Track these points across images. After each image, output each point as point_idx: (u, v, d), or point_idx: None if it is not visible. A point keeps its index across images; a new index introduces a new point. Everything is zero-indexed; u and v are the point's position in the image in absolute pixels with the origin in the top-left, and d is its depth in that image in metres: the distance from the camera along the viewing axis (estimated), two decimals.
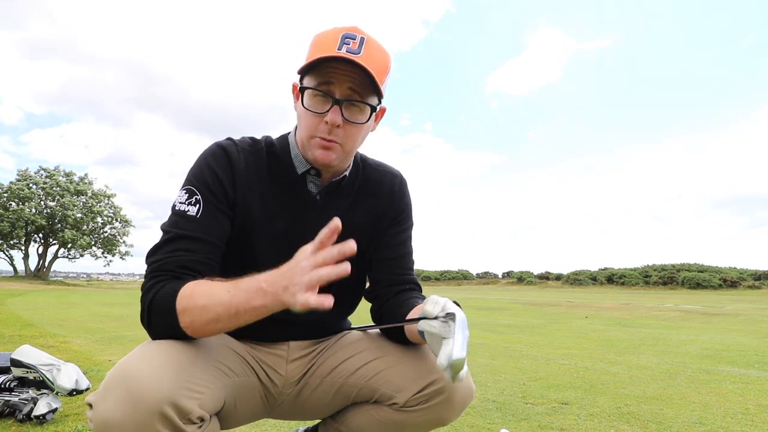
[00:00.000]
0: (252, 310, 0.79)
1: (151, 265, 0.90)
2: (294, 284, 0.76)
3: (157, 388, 0.75)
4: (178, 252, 0.89)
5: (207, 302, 0.81)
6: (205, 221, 0.93)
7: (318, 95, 0.92)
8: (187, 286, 0.84)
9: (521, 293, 27.65)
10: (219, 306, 0.80)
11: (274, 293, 0.78)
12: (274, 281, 0.78)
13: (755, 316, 9.45)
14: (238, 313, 0.80)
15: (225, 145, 1.00)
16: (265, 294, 0.78)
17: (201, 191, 0.94)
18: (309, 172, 1.03)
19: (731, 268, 43.60)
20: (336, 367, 1.06)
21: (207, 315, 0.80)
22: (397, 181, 1.15)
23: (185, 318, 0.82)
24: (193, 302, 0.82)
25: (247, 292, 0.79)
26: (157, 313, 0.84)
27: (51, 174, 34.24)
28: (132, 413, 0.73)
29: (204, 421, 0.82)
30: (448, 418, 1.00)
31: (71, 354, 3.48)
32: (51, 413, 1.86)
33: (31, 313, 7.39)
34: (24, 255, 35.26)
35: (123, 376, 0.76)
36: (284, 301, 0.77)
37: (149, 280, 0.88)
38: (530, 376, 3.12)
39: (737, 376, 3.26)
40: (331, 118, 0.91)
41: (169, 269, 0.88)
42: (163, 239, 0.92)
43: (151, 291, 0.86)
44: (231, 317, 0.80)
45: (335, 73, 0.91)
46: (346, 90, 0.92)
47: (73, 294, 16.57)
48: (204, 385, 0.83)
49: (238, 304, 0.79)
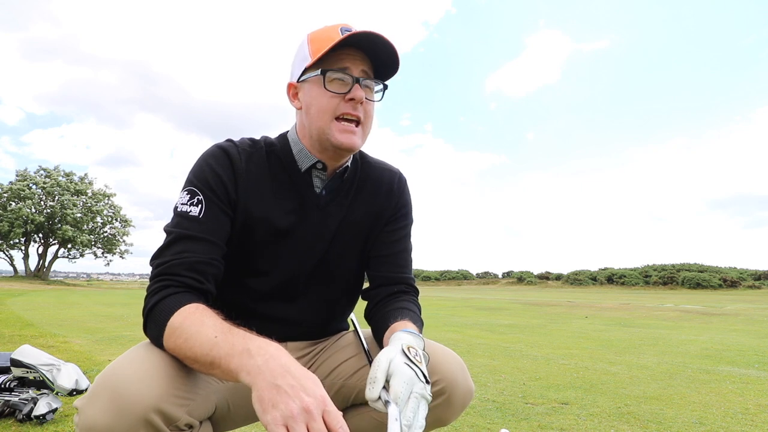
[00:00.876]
0: (226, 371, 0.74)
1: (157, 267, 0.89)
2: (282, 404, 0.66)
3: (145, 394, 0.74)
4: (184, 254, 0.89)
5: (189, 338, 0.78)
6: (207, 221, 0.93)
7: (338, 77, 0.96)
8: (183, 309, 0.82)
9: (521, 293, 27.65)
10: (199, 348, 0.76)
11: (258, 374, 0.70)
12: (266, 362, 0.71)
13: (755, 316, 9.45)
14: (213, 364, 0.75)
15: (225, 146, 1.01)
16: (249, 357, 0.72)
17: (203, 192, 0.95)
18: (315, 165, 1.03)
19: (731, 268, 43.60)
20: (335, 369, 1.06)
21: (186, 351, 0.78)
22: (396, 178, 1.15)
23: (169, 342, 0.80)
24: (179, 332, 0.79)
25: (232, 347, 0.74)
26: (153, 322, 0.84)
27: (50, 174, 34.24)
28: (117, 420, 0.72)
29: (193, 428, 0.82)
30: (447, 419, 1.00)
31: (71, 354, 3.48)
32: (51, 413, 1.86)
33: (31, 313, 7.39)
34: (24, 255, 35.30)
35: (110, 382, 0.75)
36: (258, 409, 0.68)
37: (155, 283, 0.88)
38: (530, 376, 3.12)
39: (737, 376, 3.26)
40: (357, 95, 0.95)
41: (176, 272, 0.87)
42: (167, 241, 0.92)
43: (155, 296, 0.85)
44: (206, 365, 0.76)
45: (347, 57, 0.96)
46: (360, 72, 0.97)
47: (73, 294, 16.56)
48: (193, 391, 0.82)
49: (216, 355, 0.74)
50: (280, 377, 0.69)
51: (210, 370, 0.76)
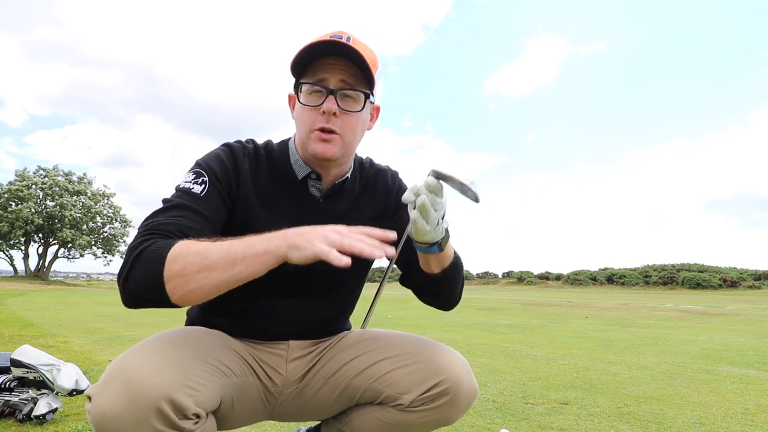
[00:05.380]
0: (252, 256, 0.76)
1: (147, 226, 0.86)
2: (317, 234, 0.75)
3: (156, 383, 0.75)
4: (179, 218, 0.88)
5: (204, 249, 0.77)
6: (208, 200, 0.94)
7: (313, 90, 0.96)
8: (181, 242, 0.81)
9: (521, 293, 27.64)
10: (217, 252, 0.77)
11: (283, 237, 0.76)
12: (286, 231, 0.78)
13: (755, 316, 9.45)
14: (236, 260, 0.76)
15: (233, 146, 1.03)
16: (269, 239, 0.77)
17: (208, 174, 0.96)
18: (309, 176, 1.04)
19: (731, 268, 43.60)
20: (340, 368, 1.06)
21: (202, 261, 0.76)
22: (389, 175, 1.17)
23: (176, 265, 0.76)
24: (188, 249, 0.78)
25: (250, 239, 0.78)
26: (143, 261, 0.79)
27: (49, 173, 34.20)
28: (129, 407, 0.74)
29: (200, 418, 0.82)
30: (452, 418, 1.01)
31: (71, 354, 3.48)
32: (51, 413, 1.86)
33: (31, 313, 7.39)
34: (24, 255, 35.28)
35: (123, 370, 0.77)
36: (297, 244, 0.75)
37: (142, 236, 0.84)
38: (530, 376, 3.12)
39: (737, 376, 3.25)
40: (327, 107, 0.95)
41: (167, 230, 0.85)
42: (163, 206, 0.90)
43: (142, 245, 0.81)
44: (228, 265, 0.76)
45: (326, 67, 0.95)
46: (339, 82, 0.96)
47: (73, 294, 16.56)
48: (201, 383, 0.83)
49: (238, 250, 0.77)
50: (306, 231, 0.77)
51: (233, 270, 0.76)
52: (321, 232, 0.76)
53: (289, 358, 1.07)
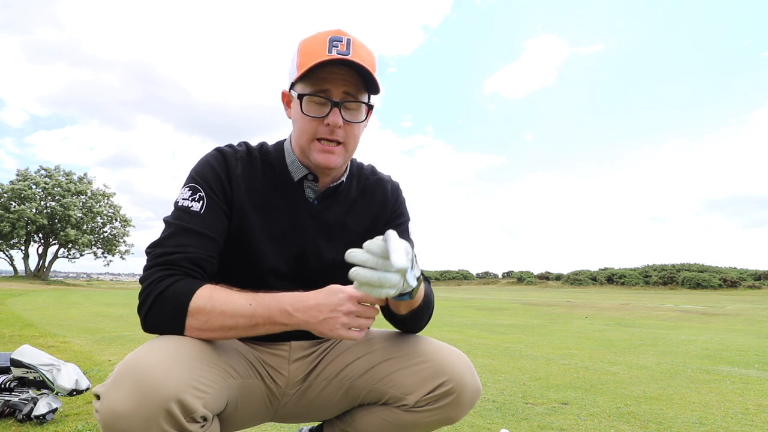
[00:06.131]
0: (272, 326, 0.87)
1: (159, 257, 0.89)
2: (336, 322, 0.86)
3: (166, 384, 0.75)
4: (188, 247, 0.90)
5: (227, 309, 0.84)
6: (208, 217, 0.95)
7: (316, 100, 0.96)
8: (205, 288, 0.86)
9: (521, 293, 27.64)
10: (240, 316, 0.85)
11: (304, 320, 0.86)
12: (304, 309, 0.86)
13: (755, 316, 9.45)
14: (257, 325, 0.86)
15: (224, 150, 1.03)
16: (290, 316, 0.86)
17: (204, 189, 0.97)
18: (306, 177, 1.05)
19: (731, 268, 43.56)
20: (343, 369, 1.06)
21: (225, 321, 0.84)
22: (390, 186, 1.17)
23: (198, 319, 0.84)
24: (211, 305, 0.84)
25: (269, 310, 0.86)
26: (165, 305, 0.84)
27: (51, 174, 34.20)
28: (140, 406, 0.73)
29: (207, 421, 0.83)
30: (456, 417, 1.01)
31: (71, 354, 3.48)
32: (51, 413, 1.86)
33: (31, 313, 7.39)
34: (24, 255, 35.26)
35: (134, 369, 0.76)
36: (319, 330, 0.86)
37: (160, 270, 0.87)
38: (530, 376, 3.12)
39: (737, 376, 3.25)
40: (332, 120, 0.95)
41: (180, 264, 0.88)
42: (168, 231, 0.92)
43: (163, 282, 0.86)
44: (249, 328, 0.86)
45: (330, 77, 0.94)
46: (342, 94, 0.96)
47: (73, 294, 16.56)
48: (210, 384, 0.83)
49: (260, 318, 0.85)
50: (318, 313, 0.86)
51: (253, 332, 0.87)
52: (339, 320, 0.86)
53: (291, 358, 1.07)
